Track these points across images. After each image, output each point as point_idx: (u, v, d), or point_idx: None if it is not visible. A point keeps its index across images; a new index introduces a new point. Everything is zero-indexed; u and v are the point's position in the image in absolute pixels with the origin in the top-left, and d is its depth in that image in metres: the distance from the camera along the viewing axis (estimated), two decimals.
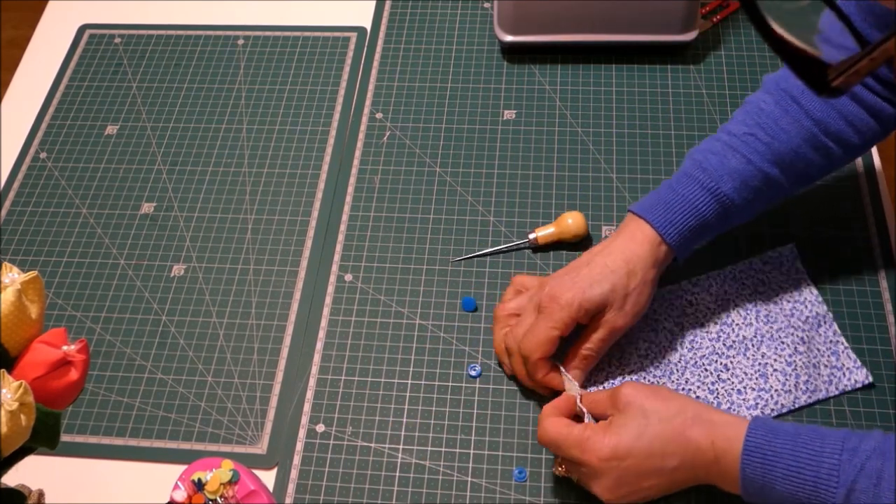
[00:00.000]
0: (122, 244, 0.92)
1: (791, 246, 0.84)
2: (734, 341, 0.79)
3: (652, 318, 0.80)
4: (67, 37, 1.10)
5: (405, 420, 0.78)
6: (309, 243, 0.90)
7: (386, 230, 0.90)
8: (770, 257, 0.83)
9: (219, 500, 0.70)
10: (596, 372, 0.78)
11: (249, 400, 0.81)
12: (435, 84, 1.01)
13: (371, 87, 1.01)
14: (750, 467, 0.62)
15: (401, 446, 0.77)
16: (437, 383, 0.80)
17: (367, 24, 1.08)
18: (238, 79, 1.04)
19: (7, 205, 0.96)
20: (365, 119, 0.99)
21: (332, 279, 0.87)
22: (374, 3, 1.10)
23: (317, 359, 0.83)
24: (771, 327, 0.79)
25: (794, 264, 0.83)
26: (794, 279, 0.82)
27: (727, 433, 0.64)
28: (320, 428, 0.79)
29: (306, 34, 1.08)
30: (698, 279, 0.82)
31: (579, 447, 0.67)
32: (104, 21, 1.11)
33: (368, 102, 1.00)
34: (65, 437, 0.79)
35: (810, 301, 0.80)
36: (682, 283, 0.82)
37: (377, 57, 1.04)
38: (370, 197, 0.93)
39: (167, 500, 0.70)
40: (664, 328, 0.80)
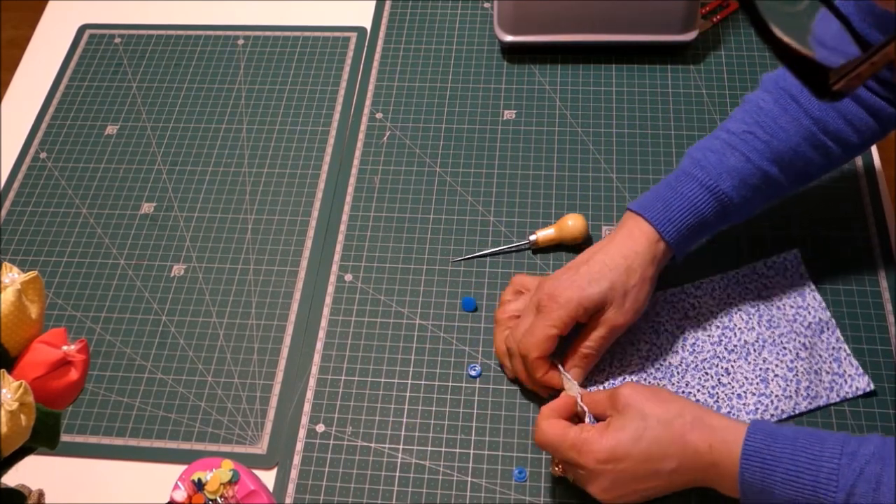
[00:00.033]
0: (122, 244, 0.92)
1: (795, 251, 0.83)
2: (736, 345, 0.78)
3: (654, 320, 0.80)
4: (67, 37, 1.10)
5: (405, 420, 0.78)
6: (309, 243, 0.90)
7: (386, 230, 0.90)
8: (774, 262, 0.83)
9: (219, 500, 0.70)
10: (596, 372, 0.78)
11: (249, 400, 0.81)
12: (435, 84, 1.01)
13: (371, 87, 1.01)
14: (749, 472, 0.62)
15: (401, 446, 0.77)
16: (437, 383, 0.80)
17: (367, 24, 1.08)
18: (238, 79, 1.04)
19: (7, 205, 0.96)
20: (365, 119, 0.99)
21: (332, 279, 0.87)
22: (374, 3, 1.10)
23: (317, 359, 0.83)
24: (773, 332, 0.78)
25: (798, 269, 0.83)
26: (797, 284, 0.82)
27: (726, 437, 0.64)
28: (320, 428, 0.79)
29: (306, 34, 1.08)
30: (701, 282, 0.82)
31: (576, 449, 0.66)
32: (104, 21, 1.11)
33: (368, 102, 1.00)
34: (65, 437, 0.79)
35: (813, 307, 0.80)
36: (685, 286, 0.82)
37: (377, 57, 1.04)
38: (370, 197, 0.93)
39: (167, 500, 0.70)
40: (666, 330, 0.80)
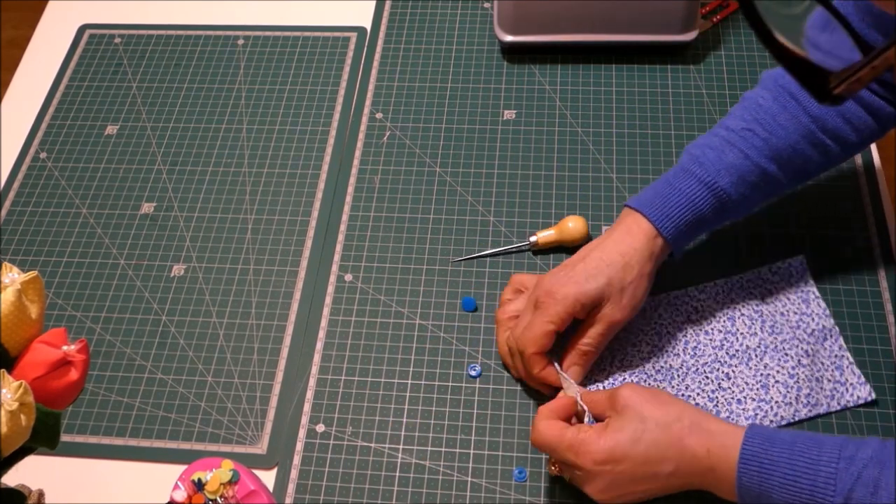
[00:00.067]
0: (122, 244, 0.92)
1: (801, 258, 0.83)
2: (737, 350, 0.78)
3: (657, 322, 0.80)
4: (67, 37, 1.10)
5: (405, 420, 0.78)
6: (309, 243, 0.90)
7: (386, 230, 0.90)
8: (779, 268, 0.83)
9: (219, 500, 0.70)
10: (596, 371, 0.78)
11: (249, 400, 0.81)
12: (435, 84, 1.01)
13: (371, 87, 1.01)
14: (746, 476, 0.62)
15: (401, 446, 0.77)
16: (437, 383, 0.80)
17: (367, 24, 1.08)
18: (238, 79, 1.04)
19: (7, 205, 0.96)
20: (365, 119, 0.99)
21: (332, 279, 0.87)
22: (374, 3, 1.10)
23: (317, 359, 0.83)
24: (776, 338, 0.78)
25: (803, 276, 0.82)
26: (802, 291, 0.81)
27: (724, 441, 0.64)
28: (320, 428, 0.79)
29: (306, 34, 1.08)
30: (705, 286, 0.82)
31: (573, 450, 0.66)
32: (104, 21, 1.11)
33: (368, 102, 1.00)
34: (65, 437, 0.79)
35: (818, 314, 0.80)
36: (688, 289, 0.82)
37: (377, 57, 1.04)
38: (370, 197, 0.93)
39: (167, 500, 0.70)
40: (668, 332, 0.80)
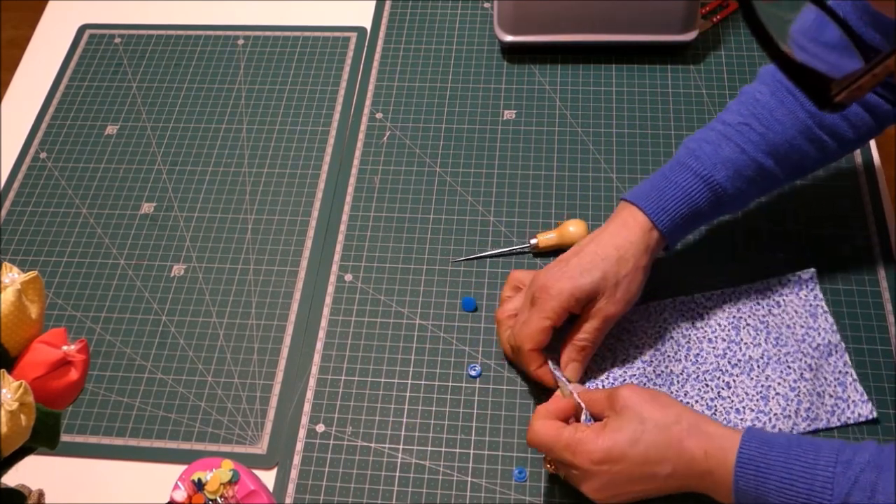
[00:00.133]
0: (122, 244, 0.92)
1: (812, 271, 0.82)
2: (740, 360, 0.78)
3: (661, 326, 0.80)
4: (67, 37, 1.10)
5: (405, 420, 0.78)
6: (309, 243, 0.90)
7: (386, 230, 0.90)
8: (788, 280, 0.82)
9: (219, 500, 0.70)
10: (597, 371, 0.78)
11: (249, 400, 0.81)
12: (435, 84, 1.01)
13: (371, 87, 1.01)
14: (743, 480, 0.62)
15: (401, 446, 0.77)
16: (437, 383, 0.80)
17: (367, 24, 1.08)
18: (238, 79, 1.04)
19: (7, 205, 0.96)
20: (365, 119, 0.99)
21: (332, 279, 0.87)
22: (374, 3, 1.10)
23: (317, 359, 0.83)
24: (779, 350, 0.78)
25: (813, 290, 0.82)
26: (810, 305, 0.81)
27: (722, 444, 0.64)
28: (320, 428, 0.79)
29: (306, 34, 1.08)
30: (712, 293, 0.82)
31: (570, 450, 0.66)
32: (104, 21, 1.11)
33: (368, 102, 1.00)
34: (65, 437, 0.79)
35: (824, 328, 0.79)
36: (695, 295, 0.82)
37: (377, 57, 1.04)
38: (370, 197, 0.93)
39: (167, 500, 0.70)
40: (671, 337, 0.80)
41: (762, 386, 0.76)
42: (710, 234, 0.86)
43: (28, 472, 0.59)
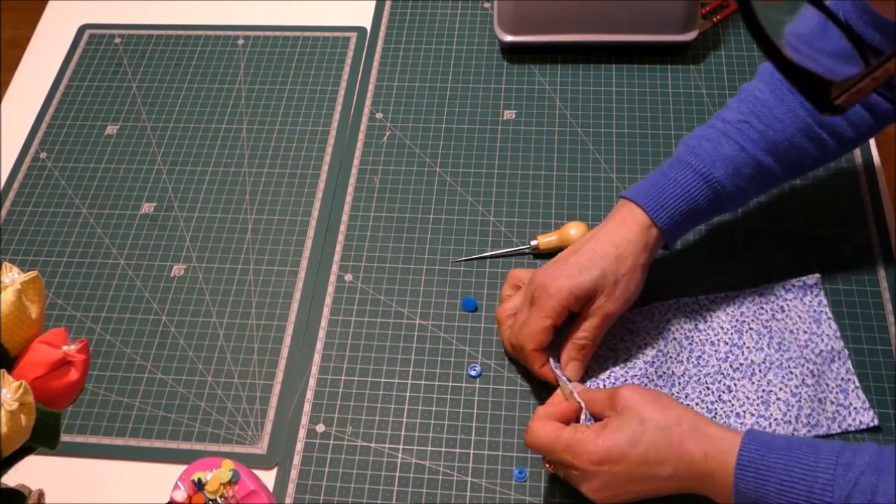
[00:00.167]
0: (122, 244, 0.92)
1: (817, 276, 0.82)
2: (741, 364, 0.78)
3: (664, 327, 0.80)
4: (67, 37, 1.10)
5: (405, 420, 0.78)
6: (309, 243, 0.90)
7: (386, 230, 0.90)
8: (793, 285, 0.82)
9: (219, 500, 0.70)
10: (598, 370, 0.78)
11: (249, 400, 0.81)
12: (435, 84, 1.01)
13: (371, 87, 1.01)
14: (743, 482, 0.62)
15: (401, 446, 0.77)
16: (437, 383, 0.80)
17: (367, 24, 1.08)
18: (238, 79, 1.04)
19: (7, 205, 0.96)
20: (365, 119, 0.99)
21: (332, 279, 0.87)
22: (374, 3, 1.10)
23: (317, 359, 0.83)
24: (782, 355, 0.77)
25: (817, 296, 0.81)
26: (814, 311, 0.81)
27: (722, 447, 0.64)
28: (320, 428, 0.79)
29: (306, 34, 1.08)
30: (717, 296, 0.82)
31: (570, 451, 0.66)
32: (104, 21, 1.11)
33: (368, 102, 1.00)
34: (65, 437, 0.79)
35: (828, 335, 0.79)
36: (699, 297, 0.82)
37: (377, 57, 1.04)
38: (370, 197, 0.93)
39: (167, 500, 0.70)
40: (674, 339, 0.79)
41: (763, 391, 0.76)
42: (711, 234, 0.86)
43: (28, 472, 0.59)
